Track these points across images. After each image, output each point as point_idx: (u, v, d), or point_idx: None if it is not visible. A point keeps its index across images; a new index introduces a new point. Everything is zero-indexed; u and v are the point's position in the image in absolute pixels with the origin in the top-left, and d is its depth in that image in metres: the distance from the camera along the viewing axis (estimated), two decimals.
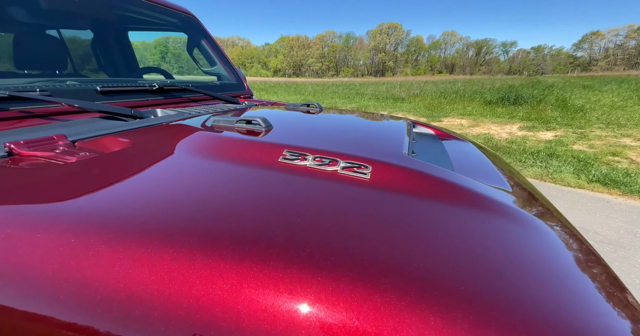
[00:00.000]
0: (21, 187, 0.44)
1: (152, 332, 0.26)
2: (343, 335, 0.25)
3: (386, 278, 0.30)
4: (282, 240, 0.34)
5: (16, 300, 0.29)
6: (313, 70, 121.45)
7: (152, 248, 0.31)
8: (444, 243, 0.38)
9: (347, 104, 12.76)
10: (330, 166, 0.55)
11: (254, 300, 0.27)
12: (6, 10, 1.06)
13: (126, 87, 0.99)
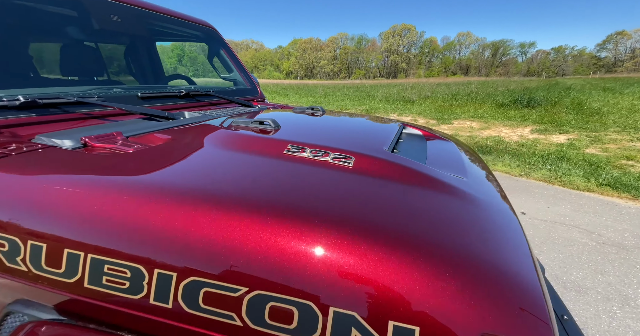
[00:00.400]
0: (99, 168, 0.62)
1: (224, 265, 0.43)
2: (328, 263, 0.41)
3: (360, 229, 0.46)
4: (291, 204, 0.51)
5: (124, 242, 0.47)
6: (324, 73, 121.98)
7: (206, 207, 0.49)
8: (400, 208, 0.54)
9: (357, 106, 12.88)
10: (324, 157, 0.71)
11: (278, 243, 0.43)
12: (58, 27, 1.28)
13: (160, 93, 1.18)
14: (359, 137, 0.91)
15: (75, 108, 0.91)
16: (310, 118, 1.17)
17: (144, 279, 0.45)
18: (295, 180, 0.61)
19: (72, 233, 0.48)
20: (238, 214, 0.47)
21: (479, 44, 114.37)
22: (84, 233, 0.48)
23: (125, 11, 1.37)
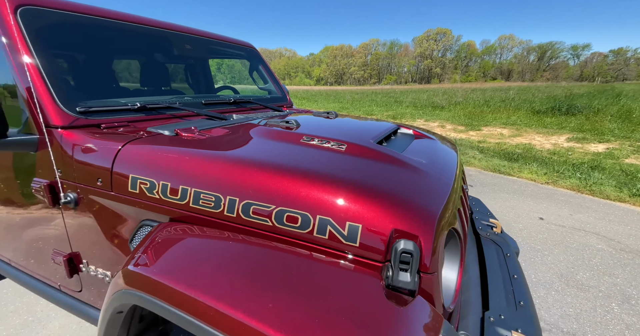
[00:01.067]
0: (187, 145, 1.03)
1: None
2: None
3: (338, 180, 0.80)
4: (300, 168, 0.86)
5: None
6: (354, 78, 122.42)
7: (251, 166, 0.86)
8: (367, 171, 0.88)
9: (383, 112, 13.03)
10: (326, 144, 1.07)
11: (291, 186, 0.78)
12: (139, 53, 1.77)
13: (217, 101, 1.63)
14: (355, 132, 1.25)
15: (166, 111, 1.36)
16: (322, 120, 1.53)
17: (221, 201, 0.83)
18: (306, 156, 0.97)
19: (180, 176, 0.89)
20: (269, 171, 0.84)
21: (523, 47, 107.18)
22: (187, 176, 0.88)
23: (189, 39, 1.85)
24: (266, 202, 0.79)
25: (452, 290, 0.86)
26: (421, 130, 1.54)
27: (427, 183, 0.88)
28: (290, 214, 0.76)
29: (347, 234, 0.72)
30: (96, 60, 1.42)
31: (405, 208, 0.72)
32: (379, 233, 0.70)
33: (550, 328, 1.93)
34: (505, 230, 3.21)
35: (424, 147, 1.26)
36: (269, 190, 0.80)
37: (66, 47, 1.22)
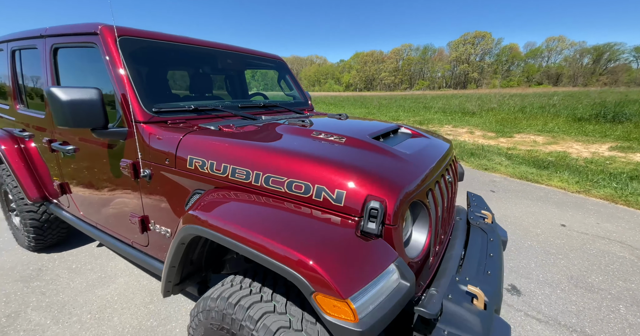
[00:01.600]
0: (227, 137, 1.39)
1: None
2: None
3: (336, 162, 1.10)
4: (307, 152, 1.17)
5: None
6: (385, 84, 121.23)
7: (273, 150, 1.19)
8: (357, 157, 1.17)
9: (410, 117, 12.97)
10: (330, 137, 1.37)
11: (300, 164, 1.09)
12: (193, 66, 2.20)
13: (250, 105, 2.01)
14: (356, 130, 1.53)
15: (212, 112, 1.75)
16: (333, 120, 1.84)
17: (250, 174, 1.16)
18: (312, 145, 1.28)
19: (222, 157, 1.24)
20: (283, 154, 1.16)
21: (575, 49, 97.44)
22: (226, 157, 1.23)
23: (230, 55, 2.27)
24: (280, 175, 1.11)
25: (420, 247, 1.11)
26: (420, 131, 1.78)
27: (402, 167, 1.14)
28: (297, 183, 1.07)
29: (335, 198, 1.01)
30: (164, 74, 1.87)
31: (377, 180, 1.00)
32: (357, 197, 0.98)
33: (547, 320, 2.03)
34: (522, 235, 3.25)
35: (414, 143, 1.51)
36: (283, 167, 1.12)
37: (146, 63, 1.66)
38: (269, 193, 1.12)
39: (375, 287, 0.82)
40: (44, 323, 1.90)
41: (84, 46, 1.63)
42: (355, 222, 0.97)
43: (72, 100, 1.26)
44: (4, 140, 2.28)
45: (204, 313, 1.09)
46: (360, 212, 0.97)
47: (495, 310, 1.13)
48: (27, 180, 2.24)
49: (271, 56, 2.54)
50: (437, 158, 1.37)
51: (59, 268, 2.46)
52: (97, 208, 1.90)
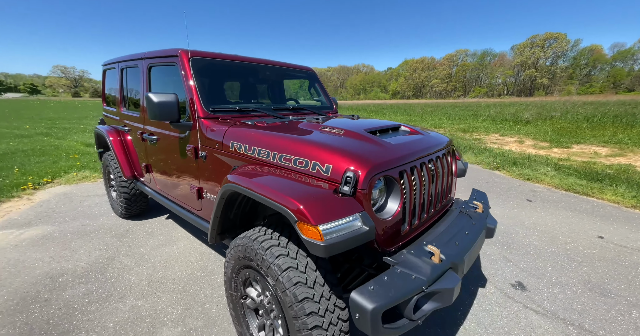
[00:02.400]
0: (260, 129, 1.89)
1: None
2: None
3: (334, 147, 1.51)
4: (316, 141, 1.60)
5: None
6: (435, 91, 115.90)
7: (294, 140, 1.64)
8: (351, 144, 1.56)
9: (454, 125, 12.51)
10: (333, 130, 1.77)
11: (308, 147, 1.52)
12: (242, 78, 2.80)
13: (282, 108, 2.53)
14: (357, 126, 1.90)
15: (251, 113, 2.30)
16: (345, 119, 2.25)
17: (269, 154, 1.61)
18: (317, 135, 1.70)
19: (253, 142, 1.73)
20: (294, 140, 1.60)
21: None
22: (256, 142, 1.71)
23: (274, 69, 2.83)
24: (289, 154, 1.55)
25: (392, 212, 1.45)
26: (417, 129, 2.08)
27: (379, 151, 1.49)
28: (299, 160, 1.51)
29: (325, 170, 1.41)
30: (221, 83, 2.49)
31: (355, 158, 1.37)
32: (339, 170, 1.37)
33: (545, 313, 2.11)
34: (547, 241, 3.21)
35: (403, 138, 1.83)
36: (291, 149, 1.56)
37: (207, 76, 2.27)
38: (281, 167, 1.58)
39: (340, 225, 1.20)
40: (130, 265, 2.62)
41: (168, 65, 2.31)
42: (336, 186, 1.37)
43: (159, 102, 1.88)
44: (111, 133, 3.15)
45: (235, 249, 1.56)
46: (340, 179, 1.36)
47: (452, 268, 1.40)
48: (124, 162, 3.07)
49: (303, 68, 3.06)
50: (414, 149, 1.68)
51: (139, 231, 3.25)
52: (168, 183, 2.58)
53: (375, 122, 2.11)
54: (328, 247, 1.13)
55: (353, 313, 1.16)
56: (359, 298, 1.14)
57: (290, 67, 2.95)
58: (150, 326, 1.94)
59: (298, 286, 1.26)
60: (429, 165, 1.74)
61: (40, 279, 2.39)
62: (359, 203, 1.32)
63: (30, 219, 3.51)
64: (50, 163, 5.96)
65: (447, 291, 1.29)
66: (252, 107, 2.37)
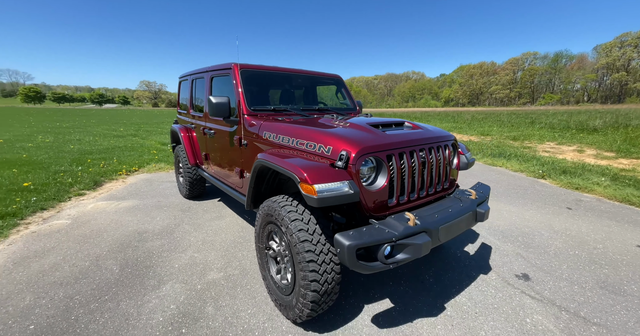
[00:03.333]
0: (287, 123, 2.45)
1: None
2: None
3: (338, 135, 1.96)
4: (326, 130, 2.10)
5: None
6: (495, 99, 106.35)
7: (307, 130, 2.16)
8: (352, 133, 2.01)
9: (504, 133, 11.66)
10: (341, 123, 2.21)
11: (317, 133, 2.03)
12: (279, 85, 3.43)
13: (308, 108, 3.08)
14: (364, 120, 2.31)
15: (282, 112, 2.89)
16: (358, 117, 2.69)
17: (290, 140, 2.13)
18: (327, 127, 2.18)
19: (279, 132, 2.27)
20: (308, 130, 2.10)
21: None
22: (281, 132, 2.25)
23: (305, 77, 3.41)
24: (303, 139, 2.06)
25: (379, 186, 1.85)
26: (420, 125, 2.41)
27: (371, 138, 1.89)
28: (310, 144, 2.00)
29: (326, 151, 1.88)
30: (262, 89, 3.16)
31: (349, 142, 1.80)
32: (337, 150, 1.83)
33: (541, 299, 2.22)
34: (573, 245, 3.24)
35: (401, 131, 2.20)
36: (305, 136, 2.06)
37: (252, 83, 2.93)
38: (297, 149, 2.09)
39: (330, 187, 1.64)
40: (190, 230, 3.38)
41: (224, 75, 3.04)
42: (333, 162, 1.83)
43: (217, 102, 2.57)
44: (182, 130, 4.07)
45: (262, 209, 2.11)
46: (336, 157, 1.82)
47: (427, 233, 1.74)
48: (190, 152, 3.93)
49: (331, 75, 3.60)
50: (405, 139, 2.02)
51: (198, 208, 4.08)
52: (220, 167, 3.31)
53: (380, 119, 2.51)
54: (319, 200, 1.59)
55: (336, 249, 1.60)
56: (340, 237, 1.57)
57: (320, 74, 3.52)
58: (202, 270, 2.59)
59: (301, 232, 1.74)
60: (420, 153, 2.08)
61: (131, 233, 3.28)
62: (350, 174, 1.76)
63: (124, 195, 4.63)
64: (137, 157, 7.47)
65: (416, 246, 1.64)
66: (284, 107, 2.96)
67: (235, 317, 2.02)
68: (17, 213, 3.62)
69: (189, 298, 2.21)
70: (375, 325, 1.97)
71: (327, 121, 2.42)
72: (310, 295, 1.70)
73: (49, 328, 1.88)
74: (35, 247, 2.92)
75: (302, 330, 1.92)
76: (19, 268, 2.56)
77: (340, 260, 1.60)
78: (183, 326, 1.93)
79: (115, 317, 1.99)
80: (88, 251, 2.87)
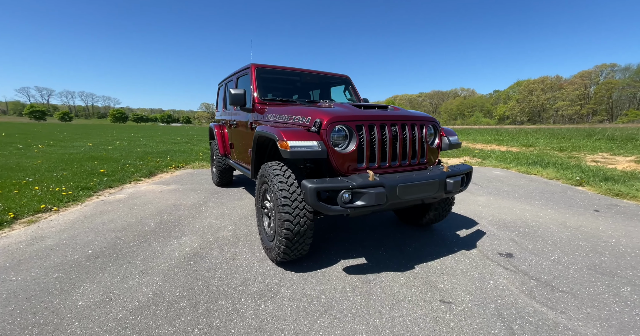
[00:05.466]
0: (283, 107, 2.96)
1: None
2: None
3: (338, 111, 2.43)
4: (313, 108, 2.55)
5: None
6: (562, 116, 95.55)
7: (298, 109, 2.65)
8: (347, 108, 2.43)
9: (551, 144, 10.62)
10: (328, 104, 2.66)
11: (304, 113, 2.50)
12: (292, 84, 4.00)
13: (312, 101, 3.59)
14: (348, 103, 2.71)
15: (290, 101, 3.42)
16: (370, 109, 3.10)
17: (286, 117, 2.64)
18: (319, 106, 2.63)
19: (279, 112, 2.80)
20: (303, 109, 2.57)
21: None
22: (281, 111, 2.78)
23: (315, 76, 3.96)
24: (292, 115, 2.52)
25: (349, 150, 2.21)
26: (401, 109, 2.72)
27: (345, 112, 2.27)
28: (296, 117, 2.45)
29: (307, 121, 2.30)
30: (272, 84, 3.75)
31: (323, 113, 2.22)
32: (313, 119, 2.26)
33: (514, 270, 2.27)
34: (584, 239, 3.11)
35: (377, 110, 2.54)
36: (295, 112, 2.53)
37: (264, 79, 3.54)
38: (287, 123, 2.56)
39: (302, 145, 2.04)
40: (213, 205, 4.02)
41: (246, 74, 3.72)
42: (309, 128, 2.25)
43: (235, 93, 3.20)
44: (216, 126, 4.87)
45: (259, 173, 2.60)
46: (312, 125, 2.25)
47: (385, 187, 2.04)
48: (220, 144, 4.68)
49: (339, 75, 4.08)
50: (376, 114, 2.34)
51: (224, 193, 4.76)
52: (239, 151, 3.93)
53: (367, 104, 2.89)
54: (291, 152, 2.02)
55: (302, 192, 2.00)
56: (305, 181, 1.97)
57: (328, 74, 4.03)
58: (216, 230, 3.13)
59: (280, 183, 2.17)
60: (392, 128, 2.40)
61: (169, 205, 4.02)
62: (321, 137, 2.17)
63: (169, 182, 5.56)
64: (186, 157, 8.72)
65: (370, 194, 1.95)
66: (291, 99, 3.50)
67: (233, 258, 2.48)
68: (92, 188, 4.67)
69: (201, 245, 2.74)
70: (345, 272, 2.26)
71: (319, 105, 2.88)
72: (284, 232, 2.10)
73: (101, 252, 2.55)
74: (101, 209, 3.79)
75: (282, 270, 2.29)
76: (88, 219, 3.39)
77: (305, 200, 1.99)
78: (192, 259, 2.45)
79: (146, 251, 2.59)
80: (135, 213, 3.64)
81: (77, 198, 4.16)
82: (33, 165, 6.55)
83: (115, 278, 2.13)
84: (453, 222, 3.43)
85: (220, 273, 2.22)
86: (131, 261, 2.39)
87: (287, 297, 1.93)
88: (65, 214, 3.56)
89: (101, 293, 1.94)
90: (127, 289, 1.99)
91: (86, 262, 2.36)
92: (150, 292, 1.96)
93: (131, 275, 2.18)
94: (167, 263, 2.36)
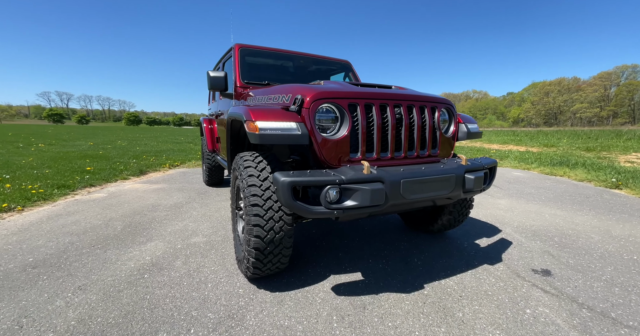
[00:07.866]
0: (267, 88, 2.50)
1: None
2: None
3: (337, 88, 1.95)
4: (298, 86, 2.08)
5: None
6: (580, 118, 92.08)
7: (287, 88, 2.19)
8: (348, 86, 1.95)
9: (575, 144, 9.81)
10: (319, 83, 2.20)
11: (286, 91, 2.04)
12: (276, 65, 3.54)
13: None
14: (346, 83, 2.22)
15: None
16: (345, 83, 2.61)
17: (265, 97, 2.18)
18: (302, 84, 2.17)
19: (261, 93, 2.34)
20: (286, 87, 2.10)
21: None
22: (262, 92, 2.32)
23: (309, 59, 3.48)
24: (272, 94, 2.06)
25: (339, 135, 1.71)
26: (406, 88, 2.21)
27: (336, 88, 1.79)
28: (276, 96, 1.99)
29: (287, 99, 1.83)
30: (258, 65, 3.28)
31: (307, 89, 1.74)
32: (294, 97, 1.78)
33: (557, 294, 1.72)
34: (637, 252, 2.42)
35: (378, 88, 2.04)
36: (275, 91, 2.07)
37: (250, 61, 3.09)
38: (268, 103, 2.10)
39: (276, 126, 1.58)
40: (196, 207, 3.57)
41: (229, 57, 3.27)
42: (288, 107, 1.77)
43: (214, 76, 2.74)
44: (205, 121, 4.45)
45: (234, 164, 2.14)
46: (292, 102, 1.77)
47: (384, 183, 1.53)
48: (208, 139, 4.25)
49: (340, 60, 3.60)
50: (375, 92, 1.84)
51: (212, 192, 4.31)
52: (222, 144, 3.49)
53: (367, 83, 2.39)
54: (261, 136, 1.55)
55: (274, 188, 1.51)
56: (277, 174, 1.47)
57: (325, 58, 3.54)
58: (189, 235, 2.68)
59: (251, 177, 1.69)
60: (395, 109, 1.89)
61: (147, 205, 3.60)
62: (303, 119, 1.68)
63: (158, 180, 5.17)
64: (184, 156, 8.38)
65: (364, 192, 1.45)
66: (277, 82, 3.04)
67: (197, 271, 2.01)
68: (70, 186, 4.31)
69: (165, 253, 2.28)
70: (334, 292, 1.76)
71: (315, 84, 2.40)
72: (252, 240, 1.62)
73: (42, 261, 2.13)
74: (70, 209, 3.40)
75: (254, 287, 1.81)
76: (50, 221, 2.99)
77: (277, 198, 1.50)
78: (148, 272, 1.99)
79: (97, 260, 2.15)
80: (106, 214, 3.23)
81: (48, 197, 3.79)
82: (22, 163, 6.30)
83: (41, 296, 1.69)
84: (471, 228, 2.88)
85: (175, 292, 1.75)
86: (72, 274, 1.95)
87: (250, 329, 1.44)
88: (27, 214, 3.18)
89: (13, 317, 1.50)
90: (49, 313, 1.54)
91: (18, 274, 1.94)
92: (76, 318, 1.50)
93: (63, 292, 1.73)
94: (114, 277, 1.91)
